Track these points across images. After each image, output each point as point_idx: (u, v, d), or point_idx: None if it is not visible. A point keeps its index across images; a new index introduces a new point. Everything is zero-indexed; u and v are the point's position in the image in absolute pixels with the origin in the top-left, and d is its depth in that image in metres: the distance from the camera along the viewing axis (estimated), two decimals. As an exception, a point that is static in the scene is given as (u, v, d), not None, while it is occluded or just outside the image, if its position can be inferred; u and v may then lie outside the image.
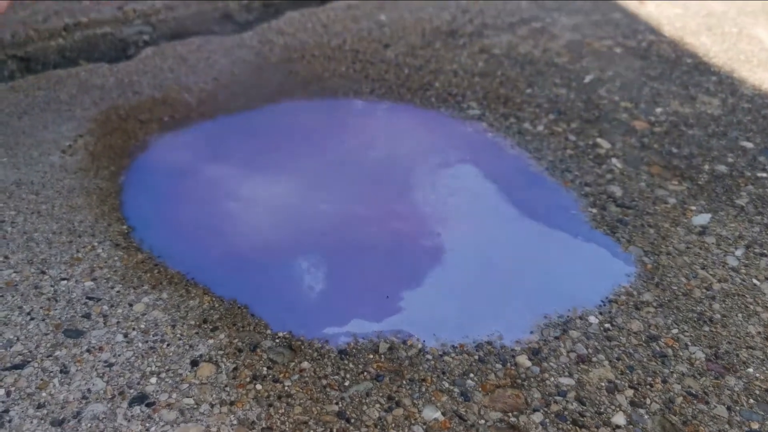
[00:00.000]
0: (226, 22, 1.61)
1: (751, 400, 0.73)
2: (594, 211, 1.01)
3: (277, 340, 0.79)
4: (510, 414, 0.71)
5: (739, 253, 0.93)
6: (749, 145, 1.17)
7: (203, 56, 1.44)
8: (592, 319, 0.83)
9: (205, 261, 0.91)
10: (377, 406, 0.71)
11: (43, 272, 0.89)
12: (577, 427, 0.70)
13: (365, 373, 0.75)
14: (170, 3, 1.55)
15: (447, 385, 0.74)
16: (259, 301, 0.85)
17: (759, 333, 0.81)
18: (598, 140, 1.19)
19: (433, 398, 0.72)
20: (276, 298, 0.86)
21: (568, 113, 1.27)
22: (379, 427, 0.69)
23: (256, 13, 1.64)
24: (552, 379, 0.75)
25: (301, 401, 0.72)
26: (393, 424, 0.70)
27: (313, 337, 0.80)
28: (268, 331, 0.81)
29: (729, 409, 0.72)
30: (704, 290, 0.87)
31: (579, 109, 1.29)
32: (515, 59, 1.48)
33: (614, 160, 1.13)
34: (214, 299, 0.85)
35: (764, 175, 1.09)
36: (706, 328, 0.82)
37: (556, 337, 0.80)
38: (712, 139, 1.19)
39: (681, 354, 0.78)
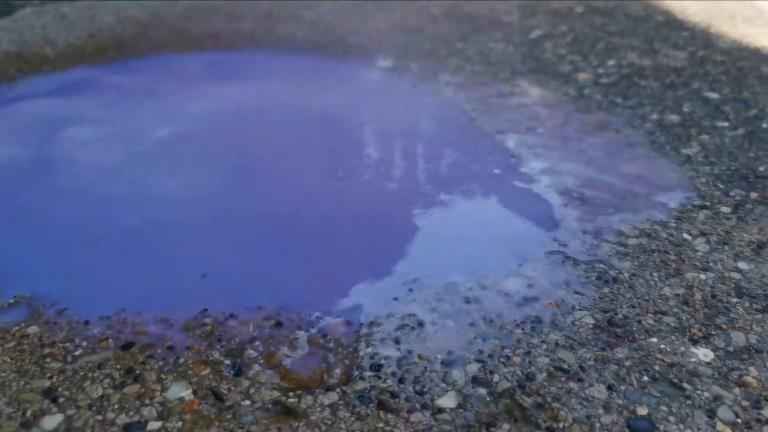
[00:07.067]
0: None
1: (645, 378, 0.51)
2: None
3: (15, 299, 0.59)
4: (291, 394, 0.49)
5: (673, 204, 0.71)
6: (713, 95, 0.96)
7: (88, 15, 1.26)
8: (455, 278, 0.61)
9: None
10: (106, 381, 0.50)
11: None
12: (382, 411, 0.48)
13: (110, 340, 0.54)
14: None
15: (217, 355, 0.53)
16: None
17: (677, 295, 0.59)
18: (529, 89, 0.97)
19: (190, 372, 0.51)
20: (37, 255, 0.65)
21: (498, 65, 1.06)
22: (94, 408, 0.48)
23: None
24: (370, 349, 0.53)
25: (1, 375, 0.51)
26: (115, 406, 0.48)
27: (60, 296, 0.59)
28: (7, 291, 0.60)
29: (610, 388, 0.50)
30: (617, 245, 0.65)
31: (514, 61, 1.08)
32: (455, 17, 1.27)
33: (541, 108, 0.92)
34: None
35: (725, 124, 0.87)
36: (606, 289, 0.60)
37: (395, 299, 0.59)
38: (669, 90, 0.98)
39: (562, 319, 0.56)
